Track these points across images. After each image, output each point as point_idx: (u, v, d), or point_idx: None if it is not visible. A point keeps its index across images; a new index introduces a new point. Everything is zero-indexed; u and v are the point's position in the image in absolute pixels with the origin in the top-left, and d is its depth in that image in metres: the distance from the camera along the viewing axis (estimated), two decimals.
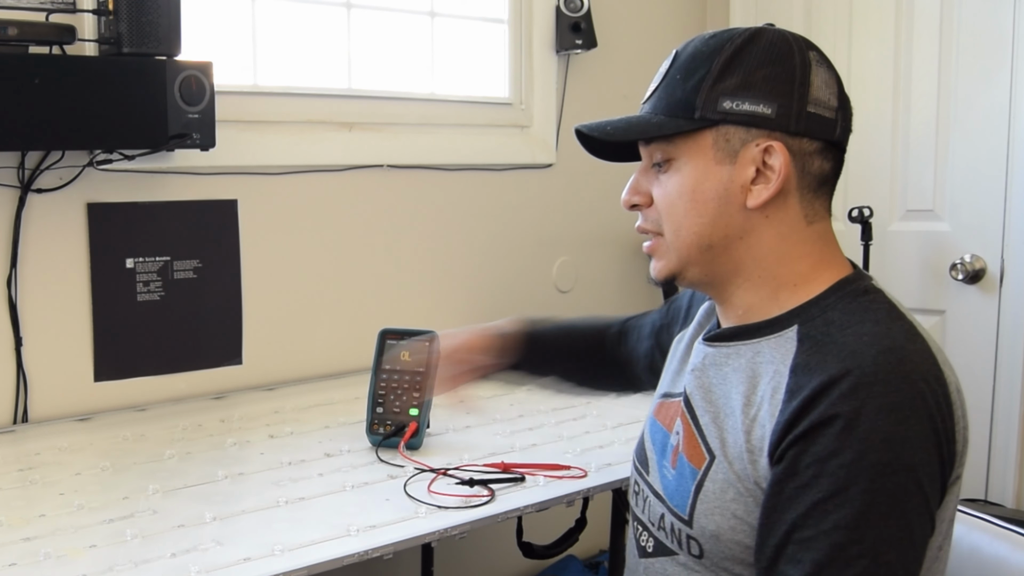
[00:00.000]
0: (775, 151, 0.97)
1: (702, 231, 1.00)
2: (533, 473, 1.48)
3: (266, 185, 2.08)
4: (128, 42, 1.71)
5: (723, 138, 0.98)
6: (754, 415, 0.96)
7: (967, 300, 2.34)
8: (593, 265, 2.66)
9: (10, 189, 1.77)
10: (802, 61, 0.98)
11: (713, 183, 0.99)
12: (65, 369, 1.86)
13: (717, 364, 1.04)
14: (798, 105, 0.97)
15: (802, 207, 1.00)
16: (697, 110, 0.98)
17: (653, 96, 1.04)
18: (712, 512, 0.98)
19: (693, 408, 1.05)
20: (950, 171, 2.35)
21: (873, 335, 0.92)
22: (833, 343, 0.93)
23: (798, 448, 0.89)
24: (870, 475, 0.86)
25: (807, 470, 0.88)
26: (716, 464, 0.98)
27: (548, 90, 2.52)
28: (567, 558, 2.44)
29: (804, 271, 1.01)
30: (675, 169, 1.01)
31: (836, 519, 0.86)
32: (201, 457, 1.60)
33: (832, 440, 0.87)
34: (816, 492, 0.88)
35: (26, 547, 1.22)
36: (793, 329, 0.98)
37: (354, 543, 1.23)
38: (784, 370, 0.95)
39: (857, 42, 2.53)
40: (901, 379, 0.89)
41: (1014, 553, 1.19)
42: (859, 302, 0.98)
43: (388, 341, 1.67)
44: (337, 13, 2.23)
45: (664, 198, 1.03)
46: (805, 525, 0.88)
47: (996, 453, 2.30)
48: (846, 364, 0.89)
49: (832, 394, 0.88)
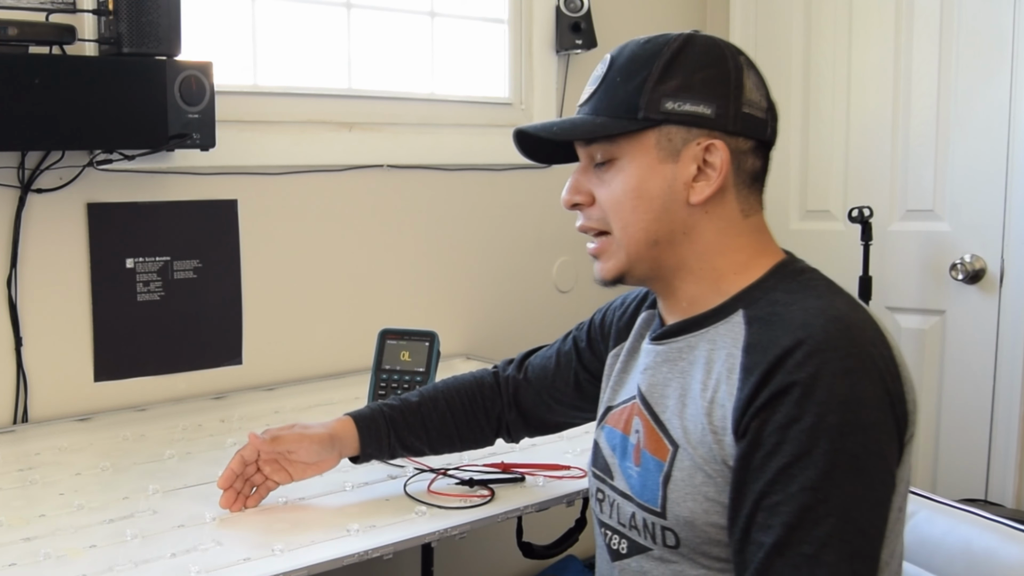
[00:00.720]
0: (716, 149, 1.02)
1: (648, 227, 1.04)
2: (533, 473, 1.48)
3: (266, 185, 2.08)
4: (128, 42, 1.71)
5: (665, 137, 1.03)
6: (711, 397, 0.99)
7: (967, 300, 2.34)
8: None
9: (10, 189, 1.77)
10: (735, 65, 1.04)
11: (658, 181, 1.04)
12: (65, 369, 1.86)
13: (670, 360, 1.08)
14: (734, 106, 1.03)
15: (739, 202, 1.06)
16: (640, 110, 1.02)
17: (592, 98, 1.07)
18: (684, 499, 1.00)
19: (650, 404, 1.07)
20: (950, 171, 2.35)
21: (818, 308, 0.96)
22: (780, 319, 0.97)
23: (760, 420, 0.93)
24: (831, 436, 0.89)
25: (770, 438, 0.92)
26: (680, 452, 1.01)
27: (548, 90, 2.52)
28: (567, 558, 2.44)
29: (743, 260, 1.06)
30: (618, 168, 1.05)
31: (802, 481, 0.89)
32: (201, 457, 1.60)
33: (792, 407, 0.91)
34: (780, 458, 0.91)
35: (26, 547, 1.22)
36: (739, 313, 1.02)
37: (354, 543, 1.23)
38: (737, 351, 0.99)
39: (857, 42, 2.53)
40: (850, 344, 0.92)
41: (1002, 545, 1.19)
42: (798, 281, 1.03)
43: (388, 341, 1.67)
44: (337, 13, 2.23)
45: (609, 197, 1.06)
46: (772, 491, 0.91)
47: (996, 453, 2.30)
48: (797, 335, 0.93)
49: (787, 364, 0.92)
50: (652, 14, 2.73)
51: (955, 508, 1.29)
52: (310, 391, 2.06)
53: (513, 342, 2.48)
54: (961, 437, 2.37)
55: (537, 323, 2.55)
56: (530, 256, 2.54)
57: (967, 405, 2.35)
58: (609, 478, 1.13)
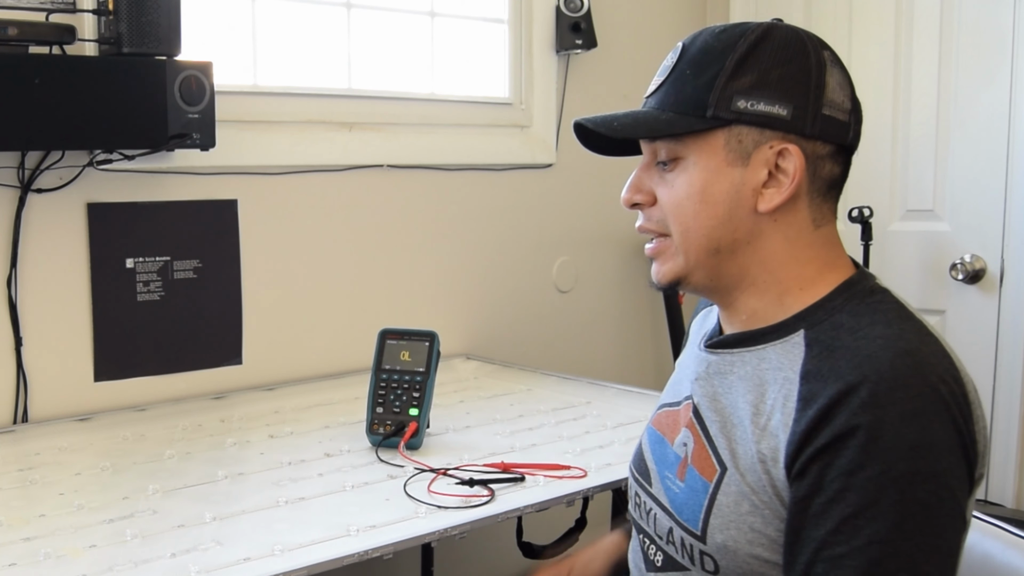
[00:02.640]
0: (790, 154, 0.95)
1: (710, 233, 0.97)
2: (533, 473, 1.48)
3: (266, 185, 2.07)
4: (128, 42, 1.71)
5: (736, 139, 0.95)
6: (764, 424, 0.93)
7: (967, 300, 2.34)
8: (593, 265, 2.66)
9: (10, 189, 1.77)
10: (817, 61, 0.96)
11: (724, 185, 0.96)
12: (65, 369, 1.86)
13: (722, 372, 1.01)
14: (813, 107, 0.95)
15: (811, 211, 0.98)
16: (710, 108, 0.95)
17: (659, 91, 0.99)
18: (727, 527, 0.94)
19: (702, 417, 1.01)
20: (950, 171, 2.35)
21: (886, 338, 0.89)
22: (844, 348, 0.90)
23: (821, 463, 0.86)
24: (900, 486, 0.84)
25: (832, 484, 0.86)
26: (728, 476, 0.95)
27: (548, 90, 2.52)
28: None
29: (810, 275, 0.98)
30: (682, 168, 0.98)
31: (869, 534, 0.84)
32: (201, 457, 1.60)
33: (857, 452, 0.85)
34: (845, 507, 0.85)
35: (26, 547, 1.22)
36: (800, 334, 0.95)
37: (354, 543, 1.23)
38: (794, 376, 0.92)
39: (857, 42, 2.53)
40: (920, 383, 0.86)
41: (1015, 555, 1.19)
42: (867, 303, 0.95)
43: (388, 341, 1.67)
44: (337, 13, 2.23)
45: (671, 198, 0.99)
46: (836, 542, 0.85)
47: (996, 453, 2.30)
48: (862, 370, 0.86)
49: (851, 403, 0.85)
50: (652, 14, 2.73)
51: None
52: (310, 391, 2.06)
53: (513, 342, 2.49)
54: None
55: (537, 323, 2.55)
56: (530, 256, 2.53)
57: None
58: (648, 483, 1.08)
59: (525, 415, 1.86)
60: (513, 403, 1.96)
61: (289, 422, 1.81)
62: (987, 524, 1.23)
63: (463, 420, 1.81)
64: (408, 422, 1.60)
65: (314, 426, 1.79)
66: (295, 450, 1.63)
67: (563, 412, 1.89)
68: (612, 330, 2.70)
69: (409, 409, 1.61)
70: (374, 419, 1.62)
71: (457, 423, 1.78)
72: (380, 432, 1.61)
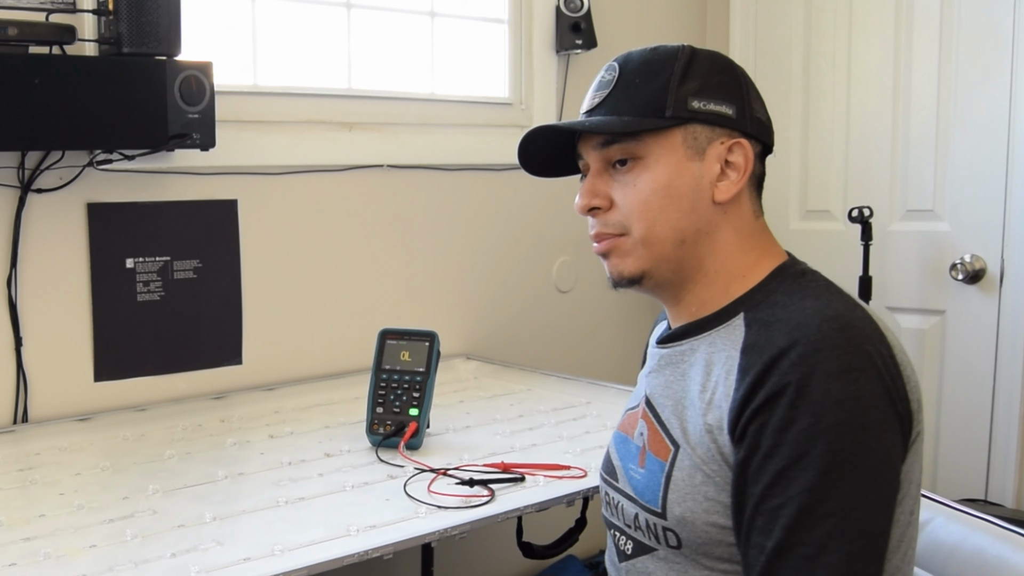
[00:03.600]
0: (741, 148, 1.04)
1: (676, 225, 1.04)
2: (533, 473, 1.48)
3: (266, 185, 2.08)
4: (128, 42, 1.71)
5: (691, 136, 1.03)
6: (709, 399, 1.00)
7: (967, 300, 2.34)
8: (593, 265, 2.65)
9: (10, 189, 1.77)
10: (742, 72, 1.08)
11: (686, 179, 1.04)
12: (65, 369, 1.86)
13: (673, 363, 1.08)
14: (748, 109, 1.05)
15: (751, 203, 1.07)
16: (668, 108, 1.03)
17: (607, 102, 1.06)
18: (684, 499, 1.00)
19: (654, 406, 1.08)
20: (950, 171, 2.35)
21: (815, 308, 0.97)
22: (778, 321, 0.98)
23: (756, 423, 0.93)
24: (828, 437, 0.89)
25: (766, 441, 0.91)
26: (681, 452, 1.01)
27: (548, 90, 2.52)
28: (567, 558, 2.44)
29: (751, 262, 1.06)
30: (643, 167, 1.05)
31: (801, 483, 0.89)
32: (201, 457, 1.60)
33: (787, 409, 0.91)
34: (778, 461, 0.91)
35: (26, 547, 1.22)
36: (740, 316, 1.03)
37: (354, 543, 1.23)
38: (735, 353, 0.99)
39: (857, 42, 2.53)
40: (845, 343, 0.92)
41: (1015, 554, 1.19)
42: (798, 283, 1.03)
43: (388, 341, 1.67)
44: (337, 13, 2.23)
45: (635, 196, 1.05)
46: (771, 495, 0.91)
47: (996, 453, 2.30)
48: (792, 335, 0.94)
49: (782, 365, 0.92)
50: (652, 14, 2.73)
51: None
52: (310, 391, 2.06)
53: (513, 342, 2.49)
54: (961, 437, 2.37)
55: (537, 323, 2.55)
56: (530, 256, 2.54)
57: (967, 405, 2.35)
58: (615, 480, 1.14)
59: (525, 415, 1.86)
60: (513, 403, 1.96)
61: (289, 422, 1.81)
62: (987, 524, 1.24)
63: (463, 420, 1.81)
64: (408, 422, 1.60)
65: (314, 426, 1.79)
66: (295, 450, 1.63)
67: (563, 412, 1.89)
68: (612, 330, 2.70)
69: (409, 409, 1.61)
70: (374, 419, 1.62)
71: (457, 423, 1.78)
72: (380, 432, 1.61)
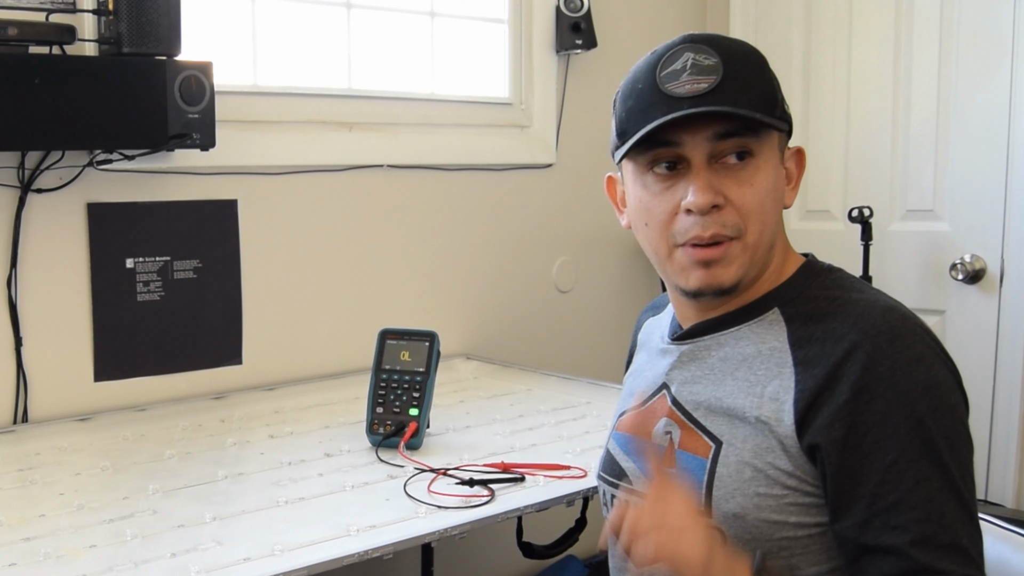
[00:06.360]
0: (802, 155, 1.04)
1: (775, 230, 1.02)
2: (533, 473, 1.48)
3: (266, 185, 2.07)
4: (128, 42, 1.71)
5: (782, 139, 1.02)
6: (761, 393, 0.97)
7: (967, 300, 2.34)
8: (593, 265, 2.66)
9: (10, 189, 1.77)
10: None
11: (781, 183, 1.02)
12: (65, 369, 1.86)
13: (698, 358, 1.05)
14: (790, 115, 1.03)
15: None
16: (778, 107, 0.99)
17: (721, 90, 0.95)
18: (732, 495, 0.97)
19: (682, 404, 1.04)
20: (950, 171, 2.35)
21: (866, 301, 0.97)
22: (830, 314, 0.97)
23: (843, 420, 0.91)
24: (925, 425, 0.90)
25: (863, 440, 0.90)
26: (725, 448, 0.98)
27: (548, 90, 2.52)
28: (567, 558, 2.44)
29: (780, 262, 1.05)
30: (756, 166, 0.98)
31: (914, 474, 0.89)
32: (201, 457, 1.60)
33: (879, 404, 0.90)
34: (884, 456, 0.90)
35: (26, 547, 1.22)
36: (775, 312, 1.01)
37: (354, 543, 1.23)
38: (782, 346, 0.98)
39: (857, 42, 2.53)
40: (912, 333, 0.93)
41: (1015, 554, 1.19)
42: (831, 279, 1.03)
43: (388, 341, 1.67)
44: (337, 13, 2.23)
45: (753, 196, 0.97)
46: (885, 492, 0.90)
47: (996, 453, 2.30)
48: (859, 327, 0.93)
49: (859, 359, 0.91)
50: (652, 14, 2.73)
51: None
52: (310, 391, 2.06)
53: (513, 342, 2.48)
54: None
55: (537, 323, 2.55)
56: (530, 256, 2.53)
57: None
58: (625, 482, 1.10)
59: (525, 415, 1.86)
60: (513, 403, 1.96)
61: (289, 422, 1.81)
62: (987, 524, 1.23)
63: (463, 420, 1.81)
64: (408, 422, 1.60)
65: (314, 426, 1.79)
66: (295, 450, 1.63)
67: (563, 412, 1.89)
68: (612, 330, 2.70)
69: (409, 409, 1.61)
70: (374, 419, 1.62)
71: (457, 423, 1.78)
72: (380, 432, 1.61)
